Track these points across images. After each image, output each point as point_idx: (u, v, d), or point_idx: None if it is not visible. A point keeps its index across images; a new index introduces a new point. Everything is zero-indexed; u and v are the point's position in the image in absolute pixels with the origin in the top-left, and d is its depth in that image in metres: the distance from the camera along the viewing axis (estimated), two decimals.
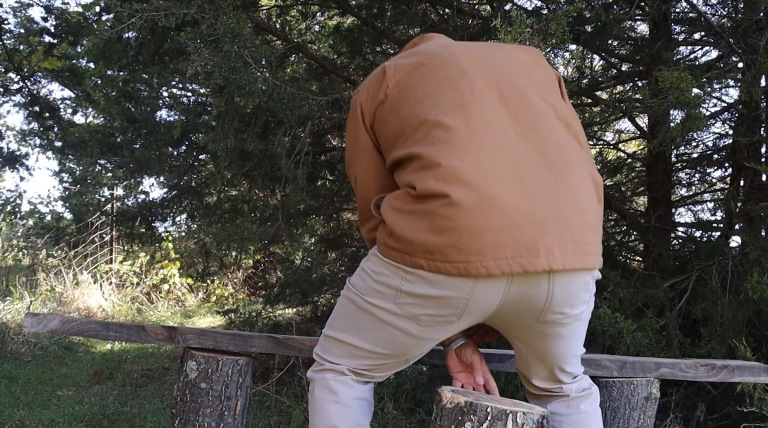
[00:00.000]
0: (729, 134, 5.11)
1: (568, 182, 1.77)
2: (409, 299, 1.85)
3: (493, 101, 1.87)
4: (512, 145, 1.78)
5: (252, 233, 4.99)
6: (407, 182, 1.83)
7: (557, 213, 1.72)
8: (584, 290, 1.85)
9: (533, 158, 1.78)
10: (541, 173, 1.75)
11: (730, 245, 4.56)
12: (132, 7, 3.59)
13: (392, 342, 1.97)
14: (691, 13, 4.66)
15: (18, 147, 14.67)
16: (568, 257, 1.73)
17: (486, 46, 2.08)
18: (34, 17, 16.96)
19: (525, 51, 2.08)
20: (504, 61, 1.99)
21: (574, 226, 1.74)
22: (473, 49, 2.03)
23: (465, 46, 2.06)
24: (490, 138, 1.79)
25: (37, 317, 2.57)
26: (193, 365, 2.54)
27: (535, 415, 1.82)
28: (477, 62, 1.96)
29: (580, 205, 1.76)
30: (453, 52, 2.01)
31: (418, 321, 1.88)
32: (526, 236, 1.69)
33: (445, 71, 1.94)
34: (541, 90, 1.94)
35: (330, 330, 2.12)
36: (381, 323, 1.94)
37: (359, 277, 2.01)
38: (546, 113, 1.89)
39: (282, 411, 4.87)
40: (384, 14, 5.29)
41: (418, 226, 1.75)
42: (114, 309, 9.57)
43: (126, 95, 6.50)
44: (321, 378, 2.10)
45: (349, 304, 2.04)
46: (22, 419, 4.47)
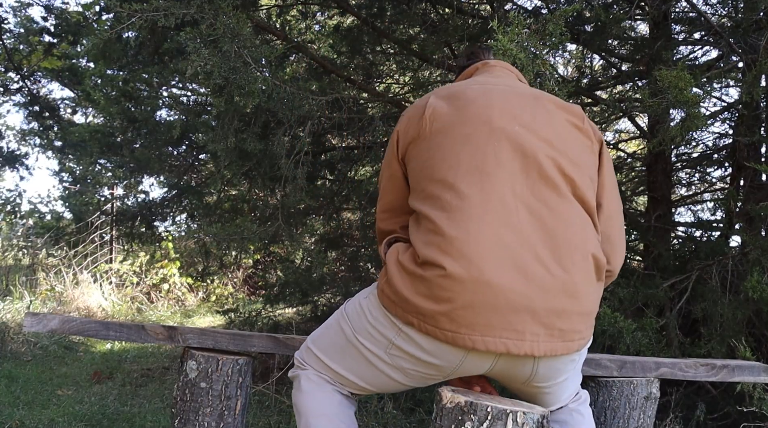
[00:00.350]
0: (729, 133, 5.11)
1: (568, 270, 1.79)
2: (400, 353, 1.92)
3: (514, 172, 1.87)
4: (521, 223, 1.80)
5: (252, 232, 4.99)
6: (414, 240, 1.89)
7: (551, 303, 1.75)
8: (569, 365, 1.93)
9: (539, 239, 1.79)
10: (543, 257, 1.77)
11: (730, 245, 4.56)
12: (132, 7, 3.59)
13: (377, 381, 2.04)
14: (691, 13, 4.66)
15: (18, 147, 14.69)
16: (552, 345, 1.78)
17: (528, 98, 2.04)
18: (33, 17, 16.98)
19: (568, 111, 2.04)
20: (540, 124, 1.95)
21: (566, 315, 1.78)
22: (513, 102, 2.00)
23: (507, 95, 2.03)
24: (500, 212, 1.80)
25: (37, 317, 2.57)
26: (193, 364, 2.54)
27: (536, 415, 1.82)
28: (511, 121, 1.94)
29: (576, 293, 1.79)
30: (490, 104, 1.98)
31: (405, 373, 1.96)
32: (517, 319, 1.74)
33: (477, 127, 1.93)
34: (568, 162, 1.92)
35: (316, 349, 2.15)
36: (369, 364, 2.00)
37: (356, 312, 2.05)
38: (564, 191, 1.88)
39: (282, 411, 4.87)
40: (384, 14, 5.29)
41: (416, 288, 1.81)
42: (114, 309, 9.56)
43: (126, 95, 6.50)
44: (305, 374, 2.16)
45: (340, 334, 2.08)
46: (21, 418, 4.47)
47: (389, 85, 6.49)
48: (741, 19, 3.86)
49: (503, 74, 2.27)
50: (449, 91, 2.07)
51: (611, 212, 2.04)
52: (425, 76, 6.36)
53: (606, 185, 2.05)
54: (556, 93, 3.05)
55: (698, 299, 4.14)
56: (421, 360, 1.89)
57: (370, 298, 2.00)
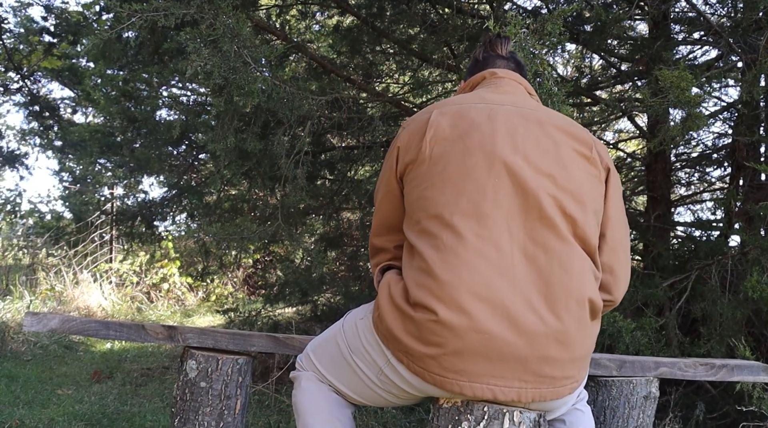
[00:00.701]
0: (728, 133, 5.12)
1: (562, 318, 1.76)
2: (389, 380, 1.93)
3: (512, 212, 1.83)
4: (516, 268, 1.78)
5: (252, 232, 5.00)
6: (406, 276, 1.87)
7: (541, 351, 1.74)
8: (563, 406, 1.94)
9: (533, 285, 1.77)
10: (536, 305, 1.75)
11: (730, 245, 4.56)
12: (131, 6, 3.59)
13: (370, 397, 2.06)
14: (691, 13, 4.66)
15: (18, 146, 14.68)
16: (540, 391, 1.78)
17: (534, 125, 1.95)
18: (33, 17, 16.97)
19: (575, 138, 1.96)
20: (544, 156, 1.89)
21: (557, 363, 1.77)
22: (517, 131, 1.92)
23: (511, 121, 1.94)
24: (495, 258, 1.78)
25: (37, 317, 2.57)
26: (193, 364, 2.54)
27: (532, 414, 1.82)
28: (514, 153, 1.87)
29: (568, 341, 1.78)
30: (494, 132, 1.90)
31: (396, 396, 1.99)
32: (505, 367, 1.73)
33: (478, 159, 1.87)
34: (571, 200, 1.87)
35: (315, 358, 2.17)
36: (361, 382, 2.02)
37: (352, 331, 2.06)
38: (564, 232, 1.84)
39: (282, 410, 4.87)
40: (383, 14, 5.29)
41: (406, 328, 1.80)
42: (114, 308, 9.57)
43: (126, 95, 6.50)
44: (305, 375, 2.18)
45: (336, 349, 2.09)
46: (21, 418, 4.47)
47: (389, 85, 6.49)
48: (740, 18, 3.86)
49: (511, 90, 2.15)
50: (453, 110, 2.00)
51: (615, 243, 2.01)
52: (425, 76, 6.36)
53: (611, 216, 2.02)
54: (556, 93, 3.05)
55: (698, 298, 4.14)
56: (408, 392, 1.92)
57: (365, 321, 2.00)
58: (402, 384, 1.90)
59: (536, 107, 2.02)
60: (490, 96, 2.06)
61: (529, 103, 2.04)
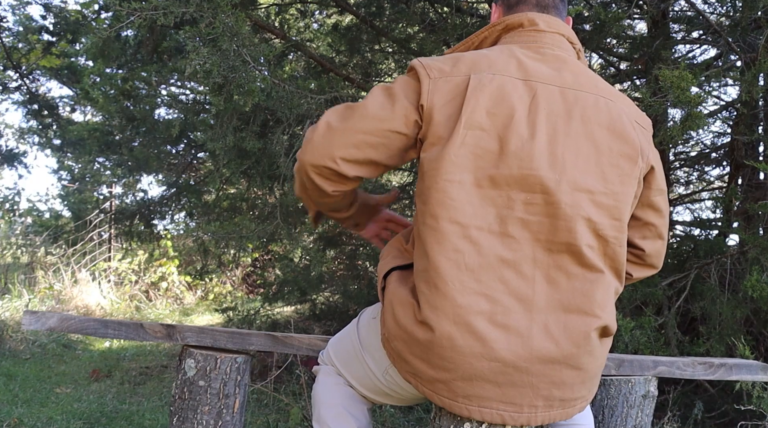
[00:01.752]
0: (727, 132, 5.12)
1: (578, 345, 1.70)
2: (393, 380, 1.93)
3: (541, 236, 1.71)
4: (536, 295, 1.69)
5: (250, 231, 5.00)
6: (418, 287, 1.74)
7: (553, 377, 1.70)
8: (570, 422, 1.95)
9: (552, 312, 1.70)
10: (554, 333, 1.69)
11: (729, 244, 4.56)
12: (131, 5, 3.58)
13: (379, 394, 2.05)
14: (690, 12, 4.66)
15: (17, 145, 14.68)
16: (550, 414, 1.73)
17: (577, 123, 1.76)
18: (32, 15, 16.95)
19: (623, 139, 1.80)
20: (587, 164, 1.74)
21: (568, 387, 1.73)
22: (560, 132, 1.74)
23: (554, 118, 1.75)
24: (515, 284, 1.69)
25: (35, 315, 2.57)
26: (192, 363, 2.54)
27: None
28: (552, 167, 1.71)
29: (582, 365, 1.73)
30: (535, 133, 1.71)
31: (400, 395, 1.98)
32: (515, 393, 1.68)
33: (513, 168, 1.70)
34: (606, 218, 1.76)
35: (333, 354, 2.18)
36: (369, 379, 2.02)
37: (365, 328, 2.05)
38: (592, 259, 1.74)
39: (280, 409, 4.87)
40: (383, 13, 5.29)
41: (414, 351, 1.72)
42: (112, 307, 9.57)
43: (124, 93, 6.50)
44: (324, 369, 2.18)
45: (350, 346, 2.09)
46: (20, 417, 4.47)
47: None
48: (739, 17, 3.86)
49: (555, 55, 1.89)
50: (493, 84, 1.74)
51: (661, 230, 2.02)
52: None
53: (654, 204, 1.99)
54: None
55: (697, 297, 4.15)
56: (411, 392, 1.93)
57: (377, 321, 1.99)
58: (404, 384, 1.89)
59: (582, 86, 1.82)
60: (531, 65, 1.81)
61: (575, 79, 1.83)
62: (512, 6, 2.02)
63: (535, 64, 1.82)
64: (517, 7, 2.00)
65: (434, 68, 1.79)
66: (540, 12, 1.97)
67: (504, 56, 1.83)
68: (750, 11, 3.79)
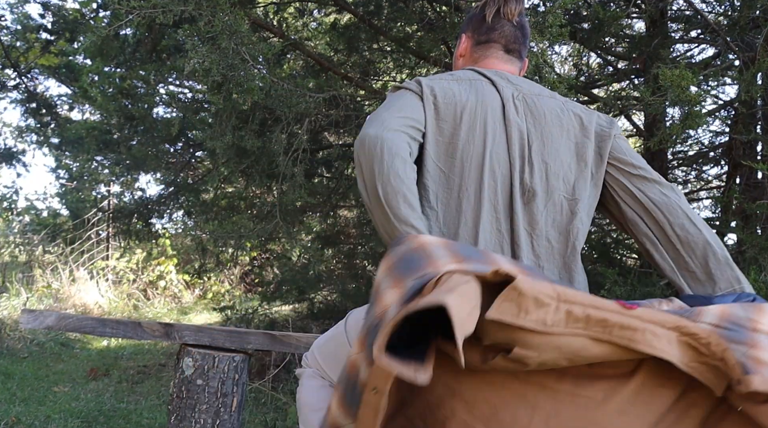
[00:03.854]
0: (725, 131, 5.12)
1: None
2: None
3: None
4: None
5: (249, 230, 4.99)
6: None
7: None
8: None
9: None
10: None
11: (727, 243, 4.56)
12: (130, 4, 3.58)
13: None
14: (688, 11, 4.66)
15: (15, 143, 14.65)
16: None
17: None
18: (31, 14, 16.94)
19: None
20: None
21: None
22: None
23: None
24: None
25: (33, 314, 2.57)
26: (190, 361, 2.54)
27: None
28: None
29: None
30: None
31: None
32: None
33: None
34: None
35: (319, 355, 2.16)
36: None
37: (353, 330, 2.04)
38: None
39: (278, 408, 4.87)
40: (381, 11, 5.28)
41: None
42: (110, 306, 9.56)
43: (123, 92, 6.50)
44: (308, 371, 2.18)
45: (338, 348, 2.08)
46: (18, 415, 4.47)
47: (386, 83, 6.49)
48: (738, 17, 3.86)
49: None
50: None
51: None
52: (422, 74, 6.36)
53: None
54: (557, 86, 3.05)
55: None
56: None
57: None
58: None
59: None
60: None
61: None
62: (481, 43, 2.15)
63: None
64: (486, 44, 2.14)
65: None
66: (506, 54, 2.13)
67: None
68: (748, 10, 3.79)
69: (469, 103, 1.90)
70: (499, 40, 2.13)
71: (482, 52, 2.14)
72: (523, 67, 2.21)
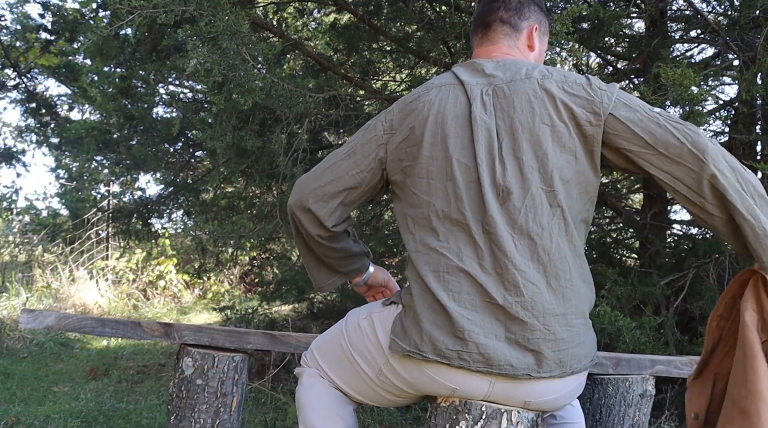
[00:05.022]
0: (725, 131, 5.12)
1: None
2: (387, 380, 1.95)
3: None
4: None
5: (249, 230, 4.99)
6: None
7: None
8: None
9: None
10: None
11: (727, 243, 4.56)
12: (130, 3, 3.58)
13: (371, 396, 2.05)
14: (688, 11, 4.66)
15: (14, 143, 14.67)
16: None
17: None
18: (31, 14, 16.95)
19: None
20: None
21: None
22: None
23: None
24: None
25: (33, 314, 2.57)
26: (189, 361, 2.54)
27: (530, 414, 1.82)
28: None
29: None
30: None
31: (395, 395, 2.00)
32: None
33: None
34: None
35: (318, 355, 2.16)
36: (362, 380, 2.02)
37: (354, 329, 2.05)
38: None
39: (278, 408, 4.87)
40: (381, 11, 5.28)
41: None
42: (110, 306, 9.56)
43: (123, 92, 6.50)
44: (308, 371, 2.18)
45: (339, 347, 2.08)
46: (18, 415, 4.46)
47: (386, 83, 6.49)
48: (738, 16, 3.85)
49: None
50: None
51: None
52: (422, 74, 6.35)
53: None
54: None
55: (695, 297, 4.15)
56: (406, 391, 1.93)
57: (368, 321, 2.00)
58: (400, 383, 1.89)
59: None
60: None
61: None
62: (471, 34, 2.14)
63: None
64: (473, 32, 2.12)
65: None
66: (485, 32, 2.08)
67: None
68: (748, 10, 3.78)
69: (429, 118, 1.90)
70: (476, 21, 2.10)
71: (474, 42, 2.11)
72: (529, 36, 2.08)
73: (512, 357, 1.74)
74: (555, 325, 1.76)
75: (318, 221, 2.03)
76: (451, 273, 1.81)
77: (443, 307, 1.78)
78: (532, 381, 1.77)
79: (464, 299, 1.78)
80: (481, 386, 1.78)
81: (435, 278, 1.82)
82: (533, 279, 1.77)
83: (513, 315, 1.75)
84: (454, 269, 1.81)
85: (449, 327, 1.77)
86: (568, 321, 1.79)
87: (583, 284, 1.85)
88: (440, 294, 1.79)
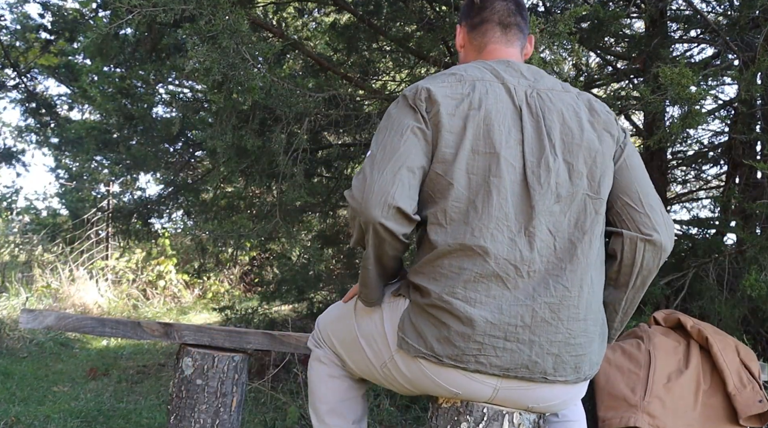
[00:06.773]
0: (725, 131, 5.12)
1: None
2: (390, 374, 1.94)
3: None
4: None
5: (249, 229, 4.99)
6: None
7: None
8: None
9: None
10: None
11: (727, 243, 4.56)
12: (130, 2, 3.58)
13: (375, 379, 2.06)
14: (688, 11, 4.65)
15: (14, 143, 14.65)
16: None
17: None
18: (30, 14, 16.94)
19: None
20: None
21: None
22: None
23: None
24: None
25: (33, 314, 2.57)
26: (189, 361, 2.54)
27: (532, 415, 1.82)
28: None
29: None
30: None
31: (396, 388, 1.99)
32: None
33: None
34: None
35: (332, 334, 2.17)
36: (367, 366, 2.03)
37: (363, 316, 2.04)
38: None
39: (278, 408, 4.87)
40: (380, 11, 5.28)
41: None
42: (110, 306, 9.56)
43: (122, 92, 6.49)
44: (319, 354, 2.20)
45: (349, 329, 2.08)
46: (17, 415, 4.46)
47: (386, 83, 6.49)
48: (737, 16, 3.85)
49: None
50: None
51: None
52: (421, 74, 6.35)
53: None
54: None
55: (695, 297, 4.15)
56: (406, 387, 1.94)
57: (378, 307, 1.98)
58: (402, 380, 1.90)
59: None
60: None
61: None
62: (476, 26, 2.09)
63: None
64: (480, 27, 2.07)
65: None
66: (503, 32, 2.06)
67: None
68: (748, 10, 3.78)
69: (471, 111, 1.82)
70: (491, 18, 2.06)
71: (480, 37, 2.07)
72: (529, 44, 2.13)
73: (530, 362, 1.74)
74: (577, 330, 1.77)
75: (405, 217, 1.78)
76: (481, 272, 1.77)
77: (464, 308, 1.75)
78: (545, 384, 1.78)
79: (490, 302, 1.75)
80: (485, 390, 1.78)
81: (458, 275, 1.78)
82: (566, 282, 1.77)
83: (540, 317, 1.74)
84: (484, 269, 1.77)
85: (468, 329, 1.74)
86: (587, 327, 1.80)
87: (601, 291, 1.89)
88: (462, 294, 1.76)
